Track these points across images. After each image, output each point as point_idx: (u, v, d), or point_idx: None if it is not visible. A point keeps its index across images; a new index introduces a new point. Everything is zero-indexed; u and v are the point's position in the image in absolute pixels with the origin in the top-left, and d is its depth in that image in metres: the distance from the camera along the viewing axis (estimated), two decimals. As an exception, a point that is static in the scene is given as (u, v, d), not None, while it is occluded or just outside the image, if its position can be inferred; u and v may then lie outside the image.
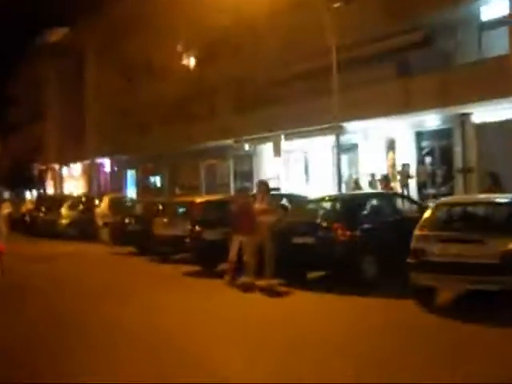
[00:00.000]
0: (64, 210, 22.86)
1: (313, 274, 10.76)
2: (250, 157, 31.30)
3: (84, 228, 21.57)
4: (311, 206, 11.35)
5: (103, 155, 42.44)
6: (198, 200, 13.34)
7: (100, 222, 20.57)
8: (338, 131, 21.86)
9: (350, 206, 10.07)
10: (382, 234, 9.47)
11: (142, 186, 39.95)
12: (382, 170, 23.05)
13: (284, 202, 11.61)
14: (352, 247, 9.16)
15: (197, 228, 12.06)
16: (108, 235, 19.42)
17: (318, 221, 9.88)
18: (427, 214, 8.28)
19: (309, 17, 23.99)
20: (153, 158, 38.25)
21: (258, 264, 10.20)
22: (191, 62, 33.57)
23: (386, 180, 20.40)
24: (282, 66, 26.52)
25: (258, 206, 10.27)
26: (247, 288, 10.09)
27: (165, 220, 13.96)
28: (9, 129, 59.00)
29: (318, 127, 23.75)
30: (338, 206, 10.50)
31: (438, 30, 21.00)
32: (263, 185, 10.70)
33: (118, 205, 20.83)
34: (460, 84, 18.68)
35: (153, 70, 36.18)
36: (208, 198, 14.30)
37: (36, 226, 24.91)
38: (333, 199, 11.29)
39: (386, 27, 21.50)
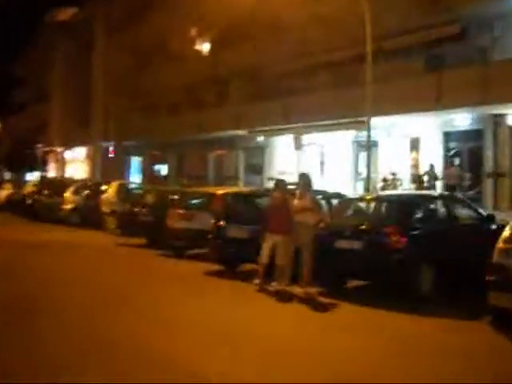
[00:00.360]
0: (68, 195, 21.57)
1: (351, 283, 9.57)
2: (261, 149, 30.11)
3: (88, 215, 20.29)
4: (356, 205, 10.11)
5: (108, 140, 41.22)
6: (221, 192, 12.10)
7: (106, 210, 19.34)
8: (364, 126, 20.67)
9: (405, 207, 8.75)
10: (442, 242, 8.26)
11: (148, 173, 38.72)
12: (402, 169, 21.92)
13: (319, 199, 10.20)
14: (408, 255, 7.93)
15: (221, 223, 10.85)
16: (114, 224, 18.21)
17: (367, 223, 8.60)
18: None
19: (333, 6, 22.79)
20: (160, 145, 37.08)
21: (292, 269, 9.01)
22: (205, 46, 32.25)
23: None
24: (300, 56, 25.35)
25: (297, 202, 9.03)
26: (282, 296, 8.83)
27: (181, 212, 12.69)
28: (13, 109, 57.79)
29: (342, 121, 22.57)
30: (391, 207, 9.19)
31: (473, 24, 19.83)
32: (305, 178, 9.42)
33: (126, 192, 19.60)
34: (498, 82, 17.51)
35: (164, 54, 34.94)
36: (232, 190, 13.01)
37: (37, 209, 23.61)
38: (384, 199, 9.91)
39: (418, 19, 20.34)
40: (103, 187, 20.63)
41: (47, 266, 11.86)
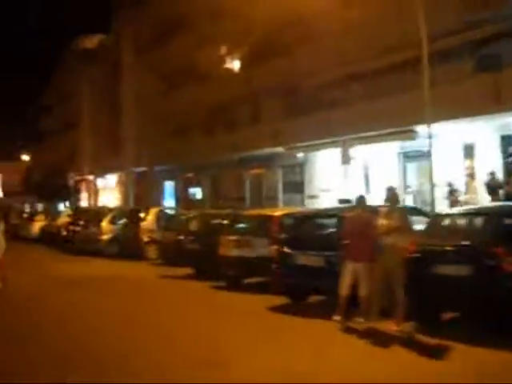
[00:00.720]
0: (104, 224, 20.52)
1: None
2: (300, 166, 28.79)
3: (127, 245, 19.21)
4: (450, 222, 8.61)
5: (140, 165, 40.42)
6: (279, 213, 10.81)
7: (146, 239, 18.21)
8: (412, 135, 19.38)
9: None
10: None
11: (182, 197, 37.66)
12: (457, 179, 20.35)
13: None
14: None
15: (286, 249, 9.49)
16: (156, 254, 17.11)
17: (471, 243, 7.10)
18: None
19: (370, 11, 21.59)
20: (193, 167, 36.09)
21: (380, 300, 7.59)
22: (236, 64, 31.27)
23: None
24: (338, 65, 24.09)
25: (384, 222, 7.66)
26: (374, 336, 7.33)
27: (234, 238, 11.42)
28: (42, 138, 57.72)
29: (389, 131, 21.16)
30: (495, 222, 7.66)
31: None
32: (393, 193, 8.02)
33: (166, 219, 18.44)
34: None
35: (193, 75, 34.11)
36: (291, 211, 11.68)
37: (73, 241, 22.63)
38: (489, 213, 8.39)
39: (469, 16, 18.92)
40: (141, 214, 19.49)
41: (93, 306, 10.73)
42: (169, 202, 38.83)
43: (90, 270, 16.81)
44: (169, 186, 40.34)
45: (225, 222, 13.21)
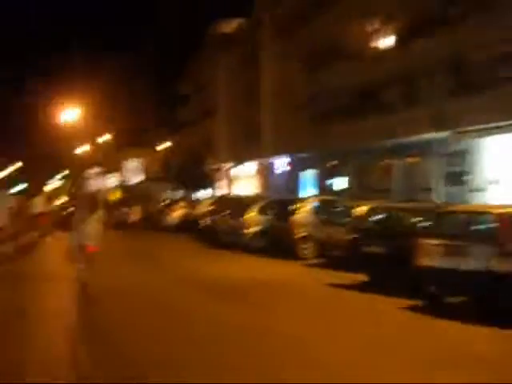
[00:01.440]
0: (252, 215, 18.50)
1: None
2: (462, 154, 25.05)
3: (276, 240, 17.01)
4: None
5: (279, 153, 38.50)
6: (509, 210, 7.89)
7: (300, 234, 15.90)
8: None
9: None
10: None
11: (322, 188, 35.13)
12: None
13: None
14: None
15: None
16: (312, 252, 14.75)
17: None
18: None
19: None
20: (334, 156, 33.43)
21: None
22: (388, 40, 28.12)
23: None
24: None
25: None
26: None
27: (440, 243, 8.61)
28: (179, 126, 58.00)
29: None
30: None
31: None
32: None
33: (326, 211, 15.96)
34: None
35: (338, 55, 31.42)
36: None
37: (214, 233, 20.92)
38: None
39: None
40: (294, 206, 17.14)
41: (252, 327, 8.29)
42: (308, 192, 36.48)
43: (235, 269, 14.63)
44: (309, 175, 37.97)
45: (419, 219, 10.37)
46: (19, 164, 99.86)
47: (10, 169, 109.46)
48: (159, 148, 63.16)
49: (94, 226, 10.90)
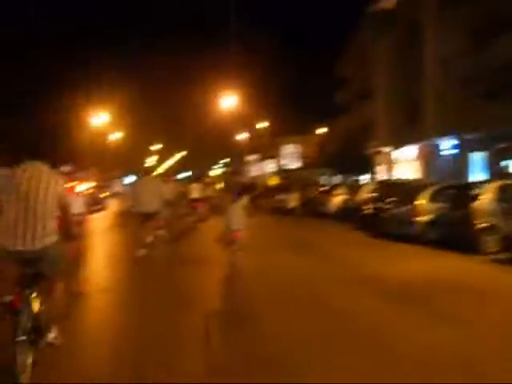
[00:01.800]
0: (423, 203, 16.79)
1: None
2: None
3: (452, 231, 15.19)
4: None
5: (443, 135, 35.68)
6: None
7: (481, 224, 13.98)
8: None
9: None
10: None
11: (494, 172, 31.89)
12: None
13: None
14: None
15: None
16: (497, 246, 12.83)
17: None
18: None
19: None
20: (505, 137, 30.13)
21: None
22: None
23: None
24: None
25: None
26: None
27: None
28: (336, 110, 56.66)
29: None
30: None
31: None
32: None
33: (510, 198, 13.87)
34: None
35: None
36: None
37: (378, 222, 19.47)
38: None
39: None
40: (474, 191, 15.15)
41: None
42: (478, 176, 33.37)
43: (407, 265, 12.97)
44: (477, 157, 34.76)
45: None
46: (184, 152, 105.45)
47: (177, 156, 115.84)
48: (316, 133, 62.52)
49: (239, 212, 10.93)
